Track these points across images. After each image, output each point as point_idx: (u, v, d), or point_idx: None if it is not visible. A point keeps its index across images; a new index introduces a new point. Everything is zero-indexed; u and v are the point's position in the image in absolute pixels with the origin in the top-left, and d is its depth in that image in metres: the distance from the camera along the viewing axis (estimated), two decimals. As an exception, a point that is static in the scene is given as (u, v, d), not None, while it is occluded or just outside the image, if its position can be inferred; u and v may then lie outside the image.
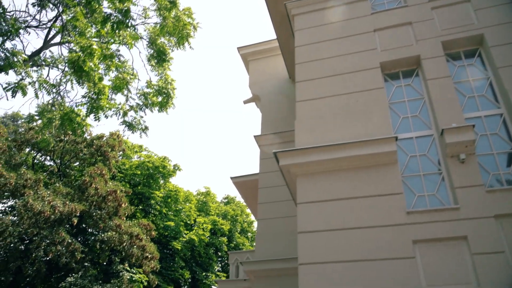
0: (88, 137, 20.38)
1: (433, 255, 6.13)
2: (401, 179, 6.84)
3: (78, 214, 16.64)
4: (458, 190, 6.41)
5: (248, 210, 35.85)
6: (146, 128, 12.35)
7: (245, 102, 15.35)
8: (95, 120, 10.39)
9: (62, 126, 9.92)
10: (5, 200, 22.45)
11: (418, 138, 7.39)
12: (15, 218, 16.36)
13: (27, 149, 20.77)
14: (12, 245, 15.73)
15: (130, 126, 12.20)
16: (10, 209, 21.86)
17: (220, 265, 29.69)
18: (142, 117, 12.36)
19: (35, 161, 22.42)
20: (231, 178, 14.44)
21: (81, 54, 7.47)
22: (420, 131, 7.45)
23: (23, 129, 20.19)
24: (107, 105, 9.73)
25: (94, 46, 7.43)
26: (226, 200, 36.13)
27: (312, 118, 7.94)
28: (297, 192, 7.35)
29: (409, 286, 5.95)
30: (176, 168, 27.60)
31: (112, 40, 9.22)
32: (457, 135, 6.61)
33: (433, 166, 7.04)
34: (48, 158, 21.49)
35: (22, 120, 24.44)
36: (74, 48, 9.56)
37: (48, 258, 16.45)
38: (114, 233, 17.60)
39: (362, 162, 7.06)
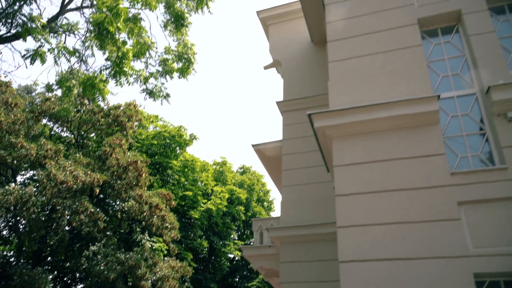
0: (105, 107, 20.22)
1: (479, 217, 5.93)
2: (442, 140, 6.58)
3: (100, 184, 16.65)
4: (506, 149, 6.14)
5: (264, 180, 35.92)
6: (168, 95, 12.13)
7: (266, 67, 14.99)
8: (117, 85, 10.18)
9: (84, 92, 9.73)
10: (23, 172, 22.62)
11: (460, 97, 7.08)
12: (36, 188, 16.41)
13: (44, 121, 20.70)
14: (35, 215, 15.84)
15: (151, 94, 12.00)
16: (29, 180, 22.04)
17: (237, 234, 29.97)
18: (163, 84, 12.17)
19: (52, 132, 22.42)
20: (253, 145, 14.24)
21: (108, 13, 7.15)
22: (462, 90, 7.13)
23: (39, 100, 20.06)
24: (131, 71, 9.47)
25: (121, 6, 7.11)
26: (242, 170, 36.11)
27: (347, 79, 7.63)
28: (333, 155, 7.13)
29: (454, 248, 5.78)
30: (193, 137, 27.43)
31: (133, 2, 8.87)
32: (504, 92, 6.29)
33: (475, 126, 6.76)
34: (65, 129, 21.42)
35: (37, 92, 24.32)
36: (95, 11, 9.24)
37: (71, 227, 16.58)
38: (134, 203, 17.64)
39: (402, 123, 6.78)
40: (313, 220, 11.14)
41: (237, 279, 30.43)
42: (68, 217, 15.81)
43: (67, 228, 16.77)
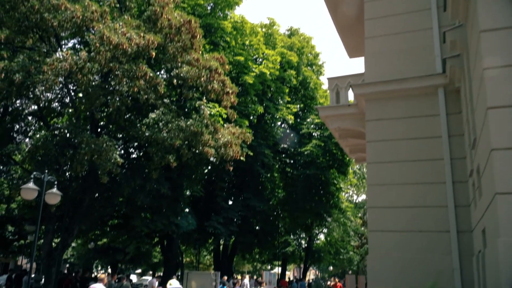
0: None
1: None
2: None
3: (155, 46, 15.49)
4: None
5: (313, 42, 33.80)
6: None
7: None
8: None
9: None
10: (63, 42, 21.50)
11: None
12: (88, 54, 15.38)
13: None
14: (91, 82, 15.18)
15: None
16: (72, 50, 21.07)
17: (289, 98, 29.21)
18: None
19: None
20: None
21: None
22: None
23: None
24: None
25: None
26: (290, 32, 33.86)
27: None
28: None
29: None
30: (241, -5, 25.16)
31: None
32: None
33: None
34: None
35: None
36: None
37: (129, 93, 15.90)
38: (190, 67, 16.63)
39: None
40: (399, 74, 9.99)
41: (286, 146, 30.52)
42: (126, 82, 15.02)
43: (126, 94, 16.04)
